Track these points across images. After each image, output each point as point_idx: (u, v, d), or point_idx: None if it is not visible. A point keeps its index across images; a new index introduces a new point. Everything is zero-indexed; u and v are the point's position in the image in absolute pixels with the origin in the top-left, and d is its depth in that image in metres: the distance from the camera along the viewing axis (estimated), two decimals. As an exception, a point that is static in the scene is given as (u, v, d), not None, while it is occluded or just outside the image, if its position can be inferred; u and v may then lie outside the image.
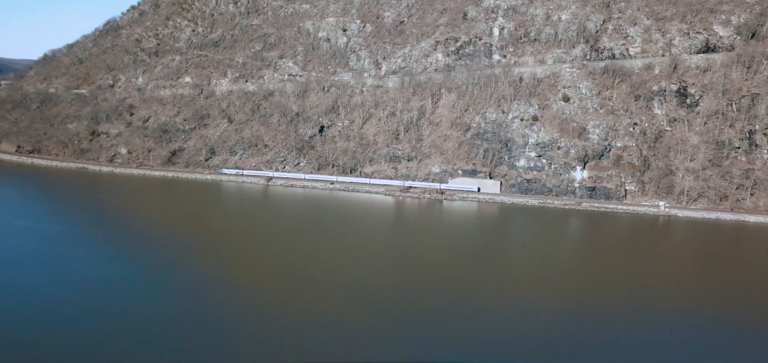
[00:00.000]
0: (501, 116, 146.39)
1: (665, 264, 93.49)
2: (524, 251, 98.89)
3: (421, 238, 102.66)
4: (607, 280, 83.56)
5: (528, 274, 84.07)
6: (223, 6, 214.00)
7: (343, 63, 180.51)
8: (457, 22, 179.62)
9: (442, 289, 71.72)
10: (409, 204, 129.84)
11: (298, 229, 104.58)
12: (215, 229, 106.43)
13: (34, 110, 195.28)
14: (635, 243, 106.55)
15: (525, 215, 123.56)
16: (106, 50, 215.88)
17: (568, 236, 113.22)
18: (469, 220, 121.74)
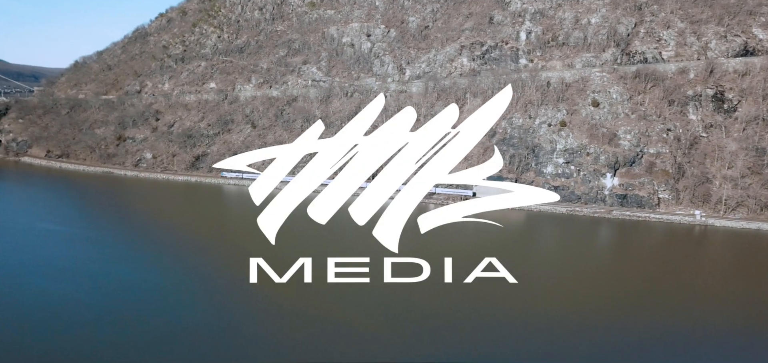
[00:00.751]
0: (528, 121, 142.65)
1: (703, 276, 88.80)
2: (551, 260, 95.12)
3: (440, 243, 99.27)
4: (640, 291, 79.36)
5: (556, 284, 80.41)
6: (248, 12, 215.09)
7: (366, 68, 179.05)
8: (482, 26, 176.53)
9: (461, 296, 65.68)
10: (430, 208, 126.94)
11: (315, 235, 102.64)
12: (237, 232, 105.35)
13: (64, 115, 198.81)
14: (670, 253, 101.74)
15: (552, 223, 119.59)
16: (134, 57, 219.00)
17: (599, 245, 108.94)
18: (493, 226, 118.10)
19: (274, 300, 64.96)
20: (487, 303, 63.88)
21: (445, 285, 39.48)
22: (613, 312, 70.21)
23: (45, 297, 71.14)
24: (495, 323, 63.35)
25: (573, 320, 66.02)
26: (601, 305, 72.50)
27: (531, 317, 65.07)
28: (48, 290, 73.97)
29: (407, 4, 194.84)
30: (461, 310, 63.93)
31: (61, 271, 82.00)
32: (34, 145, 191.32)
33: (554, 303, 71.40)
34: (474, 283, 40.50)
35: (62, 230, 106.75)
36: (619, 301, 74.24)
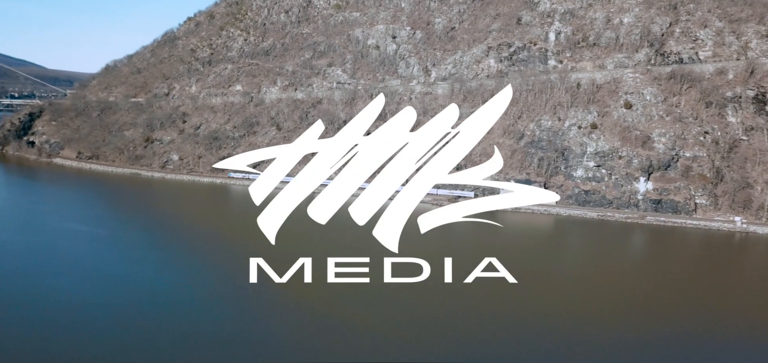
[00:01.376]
0: (557, 124, 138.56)
1: (744, 286, 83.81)
2: (582, 267, 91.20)
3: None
4: (677, 301, 75.11)
5: (587, 293, 76.71)
6: (274, 15, 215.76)
7: (391, 70, 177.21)
8: (510, 27, 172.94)
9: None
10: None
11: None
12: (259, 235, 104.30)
13: (95, 118, 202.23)
14: (709, 261, 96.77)
15: (583, 228, 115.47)
16: (163, 60, 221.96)
17: (632, 252, 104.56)
18: (520, 231, 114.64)
19: (290, 302, 63.39)
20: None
21: (445, 285, 38.77)
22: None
23: (63, 297, 70.80)
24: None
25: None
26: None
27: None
28: (67, 290, 73.72)
29: (433, 6, 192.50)
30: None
31: (82, 272, 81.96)
32: (66, 147, 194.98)
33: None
34: (474, 283, 39.71)
35: (88, 230, 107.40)
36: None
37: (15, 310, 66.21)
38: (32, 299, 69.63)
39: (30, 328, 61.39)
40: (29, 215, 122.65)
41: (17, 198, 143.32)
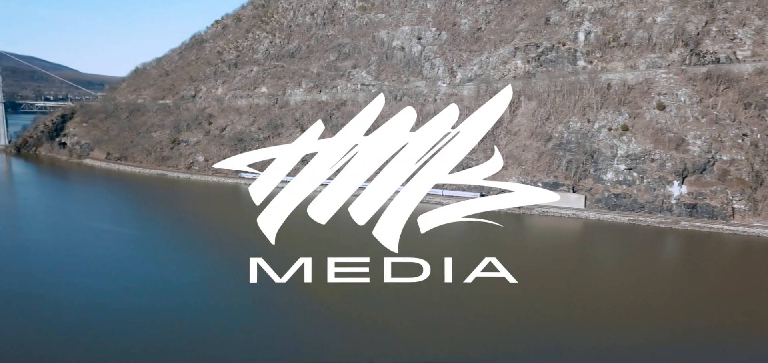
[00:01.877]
0: (586, 125, 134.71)
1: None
2: (614, 275, 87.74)
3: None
4: (714, 313, 71.32)
5: (620, 303, 73.39)
6: (300, 17, 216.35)
7: (416, 71, 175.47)
8: (538, 27, 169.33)
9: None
10: (488, 215, 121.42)
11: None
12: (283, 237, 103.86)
13: (124, 119, 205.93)
14: (749, 270, 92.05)
15: (613, 233, 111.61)
16: (190, 62, 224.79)
17: (665, 259, 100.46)
18: (547, 236, 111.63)
19: (309, 304, 62.21)
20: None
21: (445, 285, 38.53)
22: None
23: (85, 295, 71.38)
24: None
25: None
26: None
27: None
28: (90, 289, 74.15)
29: (459, 6, 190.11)
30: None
31: (106, 271, 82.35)
32: (96, 148, 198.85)
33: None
34: (474, 283, 39.46)
35: (113, 230, 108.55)
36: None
37: (38, 307, 66.79)
38: (55, 297, 70.18)
39: (50, 326, 61.63)
40: (58, 214, 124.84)
41: (47, 198, 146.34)
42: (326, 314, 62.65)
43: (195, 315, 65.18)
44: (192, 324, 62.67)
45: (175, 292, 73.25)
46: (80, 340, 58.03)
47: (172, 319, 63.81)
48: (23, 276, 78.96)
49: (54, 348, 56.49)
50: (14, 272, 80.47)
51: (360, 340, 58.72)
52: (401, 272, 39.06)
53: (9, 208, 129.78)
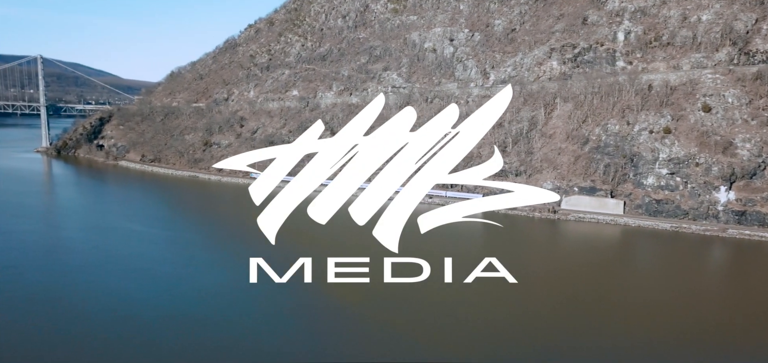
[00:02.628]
0: (625, 128, 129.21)
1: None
2: (656, 286, 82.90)
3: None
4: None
5: (663, 317, 69.04)
6: (332, 20, 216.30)
7: (448, 73, 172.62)
8: (575, 27, 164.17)
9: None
10: (517, 221, 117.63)
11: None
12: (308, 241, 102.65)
13: (159, 122, 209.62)
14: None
15: (654, 241, 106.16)
16: (223, 66, 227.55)
17: (713, 269, 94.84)
18: (583, 241, 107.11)
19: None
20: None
21: (445, 285, 38.46)
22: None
23: (112, 295, 71.34)
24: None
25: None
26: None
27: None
28: (115, 288, 74.30)
29: (493, 7, 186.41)
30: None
31: (133, 270, 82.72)
32: (132, 150, 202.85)
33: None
34: (474, 283, 39.29)
35: (143, 230, 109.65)
36: (746, 342, 63.90)
37: (61, 306, 67.11)
38: (81, 295, 70.48)
39: (73, 323, 61.62)
40: (91, 215, 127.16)
41: (82, 198, 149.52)
42: (341, 315, 62.40)
43: (218, 319, 64.29)
44: (212, 327, 61.70)
45: (199, 294, 72.60)
46: (97, 341, 57.68)
47: (194, 322, 63.08)
48: (53, 274, 79.90)
49: (70, 346, 56.26)
50: (45, 270, 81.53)
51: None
52: (401, 272, 38.61)
53: (46, 208, 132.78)
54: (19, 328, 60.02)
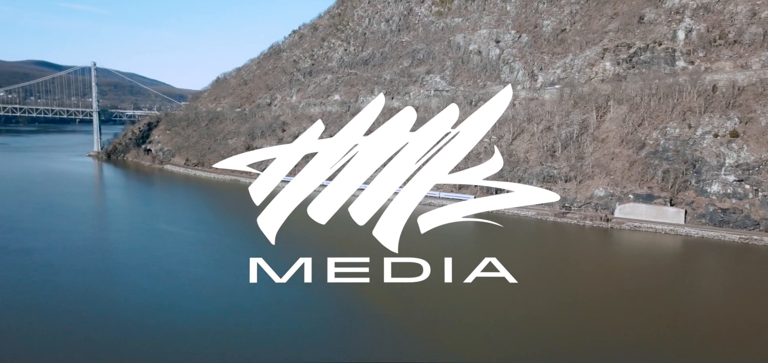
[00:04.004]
0: (687, 131, 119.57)
1: None
2: (725, 305, 74.54)
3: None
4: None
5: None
6: (375, 24, 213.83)
7: (493, 75, 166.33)
8: (630, 26, 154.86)
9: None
10: (566, 230, 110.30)
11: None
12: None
13: (203, 127, 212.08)
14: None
15: (721, 254, 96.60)
16: (267, 71, 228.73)
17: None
18: (639, 253, 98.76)
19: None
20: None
21: (445, 285, 37.99)
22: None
23: (142, 296, 70.08)
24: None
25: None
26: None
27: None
28: (145, 290, 73.04)
29: (542, 7, 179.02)
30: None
31: (165, 272, 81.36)
32: (177, 154, 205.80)
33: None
34: (474, 283, 38.77)
35: (179, 232, 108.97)
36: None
37: (89, 305, 65.95)
38: (108, 297, 69.09)
39: (98, 325, 59.98)
40: (131, 216, 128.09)
41: (125, 200, 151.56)
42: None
43: (244, 323, 61.43)
44: (239, 332, 58.79)
45: (228, 297, 70.01)
46: (121, 341, 55.67)
47: (219, 326, 60.37)
48: (85, 274, 79.27)
49: (91, 345, 54.38)
50: (78, 270, 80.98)
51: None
52: (401, 272, 37.99)
53: (89, 209, 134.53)
54: (37, 329, 58.68)
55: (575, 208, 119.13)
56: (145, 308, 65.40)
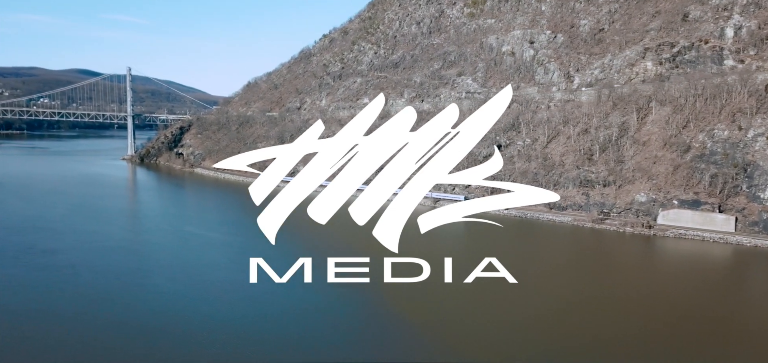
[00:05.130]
0: (736, 134, 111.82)
1: None
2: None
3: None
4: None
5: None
6: (406, 27, 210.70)
7: (527, 77, 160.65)
8: (673, 24, 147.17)
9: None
10: (606, 237, 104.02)
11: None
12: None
13: (234, 131, 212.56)
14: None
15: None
16: (297, 76, 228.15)
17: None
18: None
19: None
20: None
21: (445, 285, 37.66)
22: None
23: (161, 299, 68.64)
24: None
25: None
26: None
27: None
28: (163, 292, 71.42)
29: (579, 7, 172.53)
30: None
31: (187, 275, 79.64)
32: (207, 158, 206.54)
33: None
34: (474, 283, 38.53)
35: (202, 233, 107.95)
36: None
37: (104, 308, 64.35)
38: (124, 301, 67.29)
39: (114, 328, 58.14)
40: (156, 218, 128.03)
41: (152, 203, 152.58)
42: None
43: (263, 329, 58.85)
44: (256, 338, 56.28)
45: (247, 302, 67.27)
46: (132, 347, 53.43)
47: (236, 330, 57.68)
48: (106, 275, 78.01)
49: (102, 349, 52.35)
50: (99, 271, 79.86)
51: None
52: (401, 272, 37.55)
53: (118, 211, 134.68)
54: (44, 332, 57.10)
55: (614, 214, 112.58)
56: (162, 313, 63.22)
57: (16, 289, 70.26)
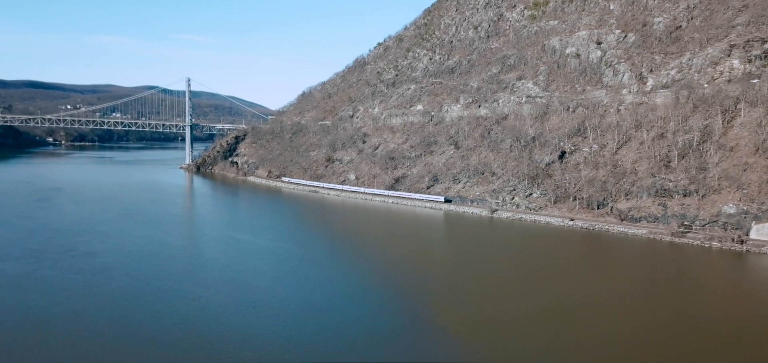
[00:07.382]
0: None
1: None
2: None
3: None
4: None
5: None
6: (462, 32, 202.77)
7: (594, 79, 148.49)
8: (764, 19, 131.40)
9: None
10: (689, 252, 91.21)
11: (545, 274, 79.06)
12: (434, 261, 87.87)
13: (287, 140, 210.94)
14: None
15: None
16: (351, 84, 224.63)
17: None
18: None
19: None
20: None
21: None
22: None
23: (185, 305, 63.64)
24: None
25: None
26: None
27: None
28: (195, 298, 66.26)
29: (652, 4, 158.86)
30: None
31: (223, 281, 74.86)
32: (261, 166, 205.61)
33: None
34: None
35: (247, 239, 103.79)
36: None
37: (139, 312, 60.38)
38: (152, 307, 62.73)
39: (140, 335, 53.55)
40: (203, 223, 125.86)
41: (201, 208, 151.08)
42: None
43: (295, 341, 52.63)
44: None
45: (282, 312, 61.48)
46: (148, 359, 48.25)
47: (267, 342, 51.85)
48: (138, 279, 74.03)
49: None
50: (133, 275, 76.01)
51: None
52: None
53: (166, 216, 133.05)
54: (65, 335, 52.96)
55: (697, 227, 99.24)
56: (190, 323, 57.56)
57: (45, 292, 67.32)
